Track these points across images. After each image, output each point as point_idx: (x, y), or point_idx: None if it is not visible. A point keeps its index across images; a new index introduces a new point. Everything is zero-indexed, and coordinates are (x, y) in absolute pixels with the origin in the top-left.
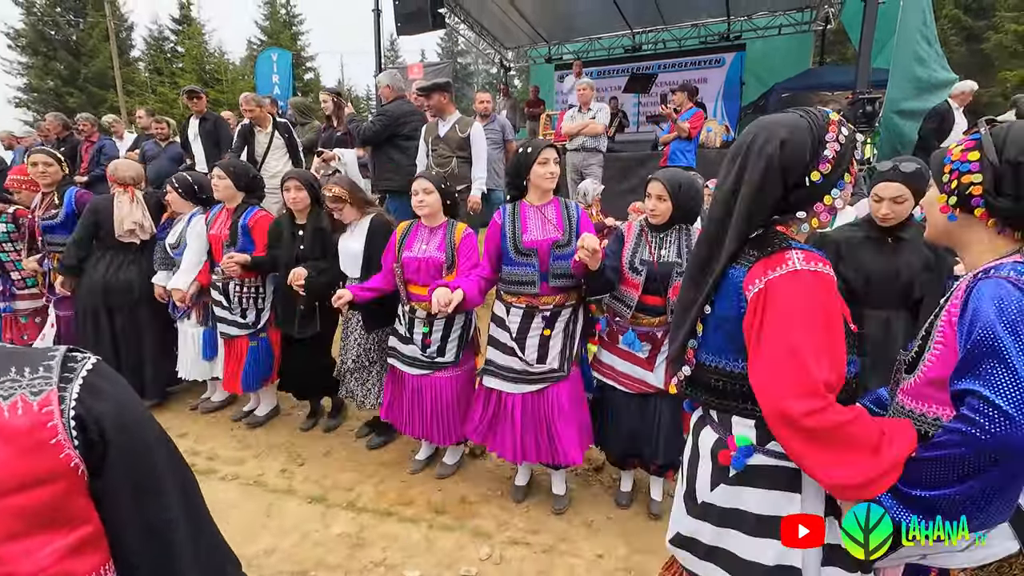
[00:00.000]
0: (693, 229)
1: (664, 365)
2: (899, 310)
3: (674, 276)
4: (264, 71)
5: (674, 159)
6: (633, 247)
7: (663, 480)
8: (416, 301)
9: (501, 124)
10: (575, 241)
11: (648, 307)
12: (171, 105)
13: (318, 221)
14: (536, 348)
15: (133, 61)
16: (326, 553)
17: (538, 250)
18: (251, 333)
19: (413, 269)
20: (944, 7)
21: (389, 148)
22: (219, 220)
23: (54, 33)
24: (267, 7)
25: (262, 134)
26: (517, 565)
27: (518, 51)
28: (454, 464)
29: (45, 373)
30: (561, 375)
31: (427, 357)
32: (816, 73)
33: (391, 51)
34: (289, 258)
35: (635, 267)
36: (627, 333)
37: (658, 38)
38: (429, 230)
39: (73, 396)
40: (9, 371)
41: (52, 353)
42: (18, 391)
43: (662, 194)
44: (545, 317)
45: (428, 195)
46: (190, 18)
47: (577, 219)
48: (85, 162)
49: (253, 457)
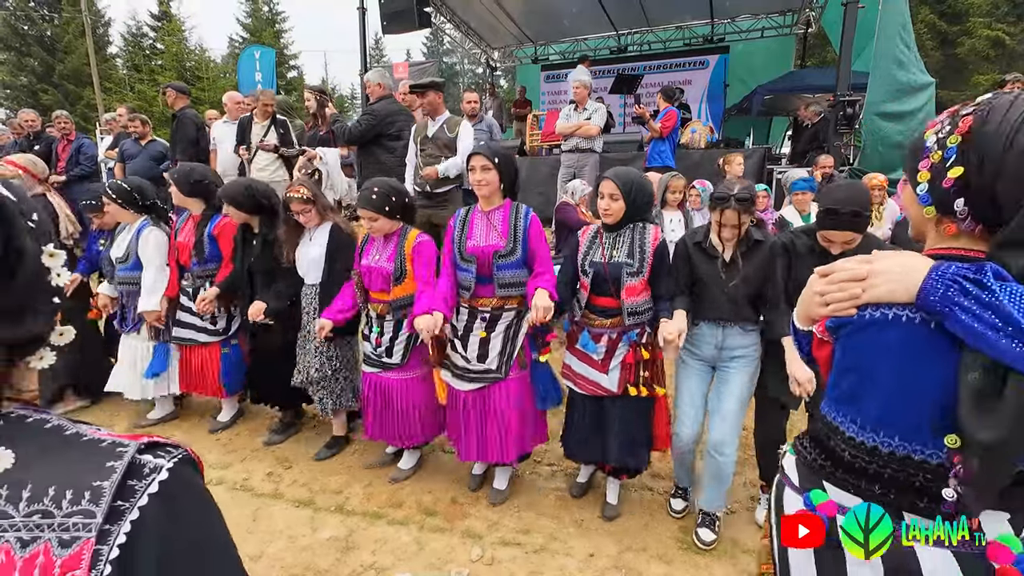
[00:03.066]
0: (648, 228)
1: (618, 369)
2: None
3: (624, 277)
4: (247, 68)
5: (651, 160)
6: (587, 249)
7: (619, 483)
8: (373, 304)
9: (488, 124)
10: (520, 250)
11: (599, 308)
12: (150, 103)
13: (269, 232)
14: (476, 347)
15: (110, 58)
16: (315, 557)
17: (477, 257)
18: (223, 340)
19: (369, 277)
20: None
21: (376, 148)
22: (186, 228)
23: (27, 28)
24: (249, 4)
25: (258, 126)
26: (508, 565)
27: (504, 51)
28: (409, 468)
29: (89, 505)
30: (498, 376)
31: (375, 356)
32: (798, 75)
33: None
34: (242, 268)
35: (585, 269)
36: (582, 333)
37: (643, 39)
38: (383, 238)
39: (119, 539)
40: (48, 491)
41: (111, 464)
42: (44, 536)
43: (614, 193)
44: (485, 319)
45: (374, 222)
46: (169, 14)
47: (525, 227)
48: (62, 161)
49: (239, 461)
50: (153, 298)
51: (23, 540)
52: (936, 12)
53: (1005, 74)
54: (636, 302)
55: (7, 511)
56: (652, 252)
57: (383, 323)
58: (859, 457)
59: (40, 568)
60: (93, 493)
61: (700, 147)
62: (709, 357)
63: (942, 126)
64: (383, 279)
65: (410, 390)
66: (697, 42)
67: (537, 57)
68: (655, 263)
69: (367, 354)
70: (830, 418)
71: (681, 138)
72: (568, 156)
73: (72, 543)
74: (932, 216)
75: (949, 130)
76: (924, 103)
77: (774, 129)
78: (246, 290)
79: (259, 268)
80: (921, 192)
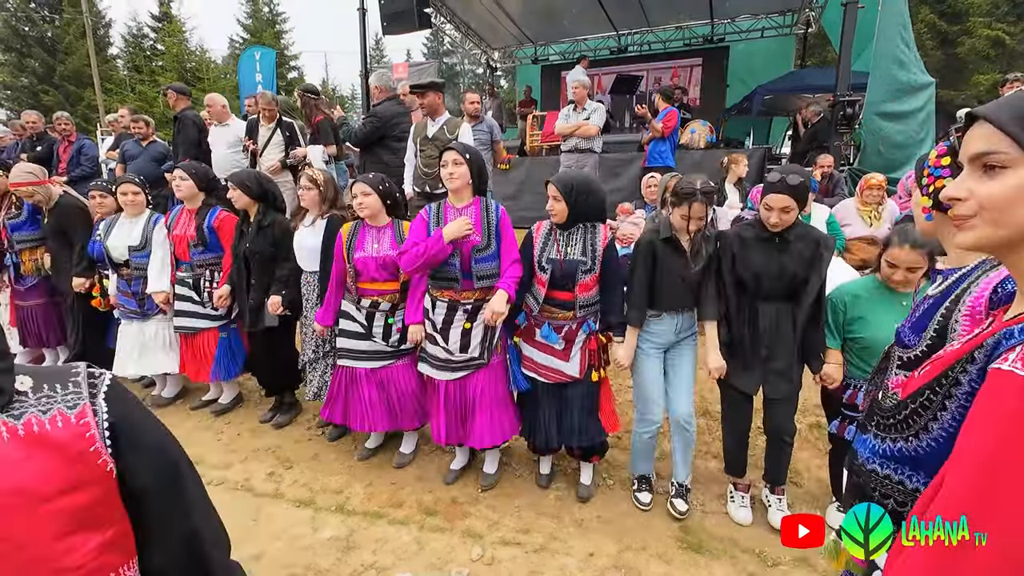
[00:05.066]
0: (598, 228)
1: (578, 355)
2: (786, 302)
3: (579, 274)
4: (247, 69)
5: (652, 160)
6: (542, 246)
7: (592, 465)
8: (379, 296)
9: (489, 125)
10: (495, 244)
11: (558, 302)
12: (151, 104)
13: (264, 218)
14: (459, 338)
15: (111, 59)
16: (316, 557)
17: (461, 250)
18: (221, 325)
19: (374, 268)
20: (920, 12)
21: (379, 149)
22: (181, 221)
23: (28, 29)
24: (249, 5)
25: (265, 128)
26: (509, 565)
27: (504, 51)
28: (411, 452)
29: (75, 389)
30: (481, 363)
31: (391, 347)
32: (798, 75)
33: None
34: (239, 252)
35: (542, 265)
36: (544, 326)
37: (643, 40)
38: (377, 230)
39: (103, 408)
40: (42, 388)
41: (76, 370)
42: (55, 406)
43: (556, 195)
44: (467, 311)
45: (366, 197)
46: (170, 15)
47: (496, 222)
48: (64, 162)
49: (239, 461)
50: (164, 280)
51: (42, 410)
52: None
53: (1006, 73)
54: (588, 296)
55: (24, 397)
56: (602, 250)
57: (396, 311)
58: None
59: (61, 421)
60: (74, 382)
61: (700, 147)
62: (666, 343)
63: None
64: (392, 265)
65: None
66: (697, 42)
67: (537, 57)
68: (604, 261)
69: (367, 351)
70: None
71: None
72: (568, 156)
73: (75, 406)
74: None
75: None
76: (924, 103)
77: (774, 129)
78: (244, 274)
79: (255, 250)
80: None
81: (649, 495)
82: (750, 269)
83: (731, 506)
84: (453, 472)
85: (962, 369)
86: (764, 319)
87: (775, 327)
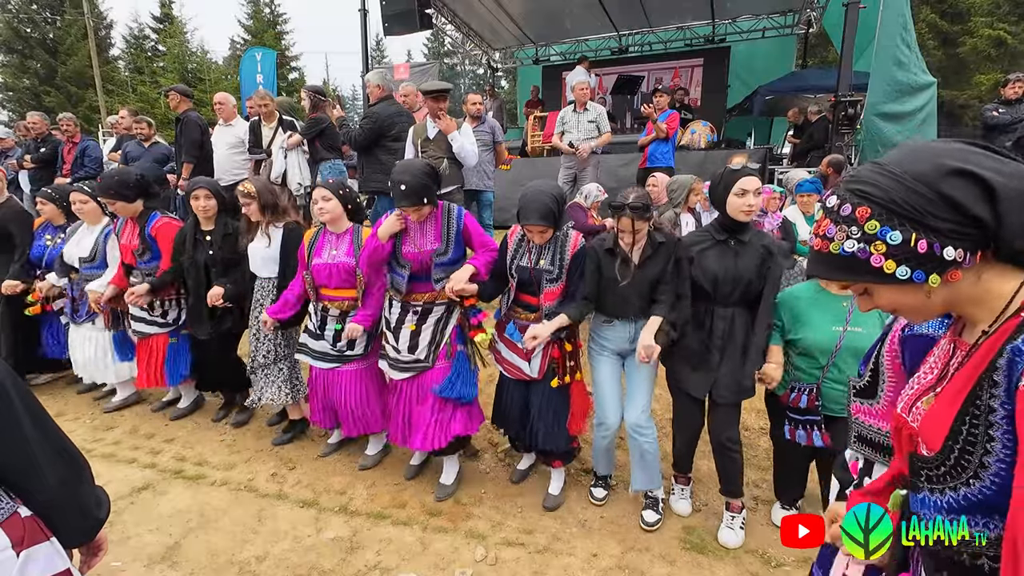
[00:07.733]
0: (569, 235)
1: (539, 358)
2: (741, 307)
3: (544, 282)
4: (249, 70)
5: (652, 160)
6: (514, 252)
7: (562, 472)
8: (329, 301)
9: (491, 126)
10: (452, 248)
11: (524, 304)
12: (152, 105)
13: (226, 227)
14: (408, 339)
15: (113, 60)
16: (319, 558)
17: (412, 263)
18: (171, 330)
19: (325, 275)
20: (921, 12)
21: (377, 150)
22: (127, 230)
23: (30, 31)
24: (250, 6)
25: (267, 128)
26: (512, 566)
27: (505, 52)
28: (376, 455)
29: None
30: (425, 365)
31: (336, 351)
32: (799, 76)
33: (377, 51)
34: (199, 264)
35: (511, 272)
36: (509, 324)
37: (644, 40)
38: (336, 236)
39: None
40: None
41: None
42: None
43: (543, 229)
44: (416, 312)
45: (327, 202)
46: (171, 16)
47: (458, 228)
48: (68, 163)
49: (243, 462)
50: (102, 282)
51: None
52: (937, 11)
53: (1008, 73)
54: (553, 304)
55: None
56: (570, 256)
57: (344, 320)
58: None
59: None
60: None
61: (701, 147)
62: (621, 350)
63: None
64: (345, 274)
65: (369, 378)
66: (698, 42)
67: (538, 58)
68: (571, 267)
69: (319, 351)
70: None
71: (681, 139)
72: (568, 157)
73: None
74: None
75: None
76: (925, 103)
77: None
78: (203, 280)
79: (219, 258)
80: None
81: (603, 491)
82: (707, 273)
83: (672, 499)
84: (412, 468)
85: (990, 396)
86: (720, 324)
87: (728, 333)
